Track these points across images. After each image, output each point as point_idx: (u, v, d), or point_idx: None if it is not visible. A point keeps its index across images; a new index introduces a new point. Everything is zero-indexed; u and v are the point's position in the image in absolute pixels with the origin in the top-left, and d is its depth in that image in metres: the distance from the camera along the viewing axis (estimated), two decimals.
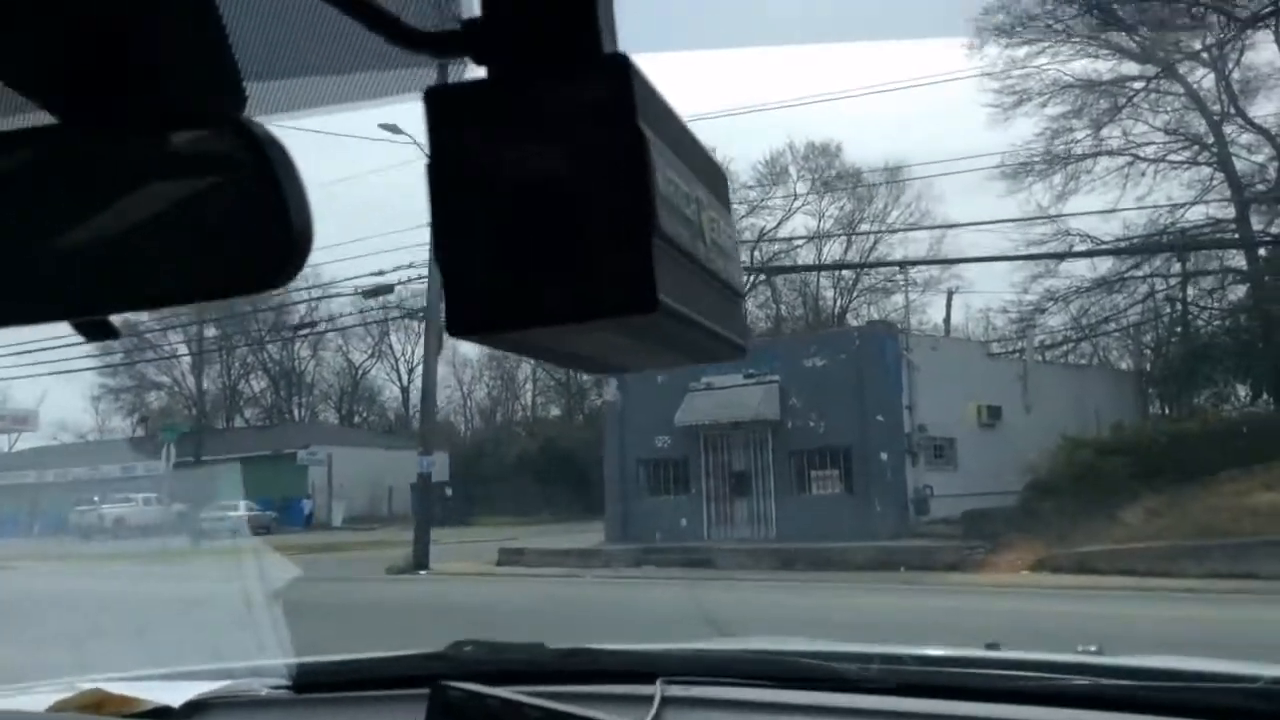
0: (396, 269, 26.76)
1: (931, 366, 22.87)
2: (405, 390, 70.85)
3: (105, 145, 0.74)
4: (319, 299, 66.31)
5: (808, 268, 46.46)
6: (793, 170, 49.43)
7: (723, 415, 23.42)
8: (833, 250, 50.81)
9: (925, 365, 22.83)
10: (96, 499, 48.24)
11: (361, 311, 68.13)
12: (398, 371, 70.30)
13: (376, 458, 53.64)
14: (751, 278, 51.10)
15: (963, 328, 38.52)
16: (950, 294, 34.63)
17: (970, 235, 48.52)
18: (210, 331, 68.12)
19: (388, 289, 23.77)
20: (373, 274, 28.48)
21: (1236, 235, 27.99)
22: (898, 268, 35.54)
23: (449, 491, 49.83)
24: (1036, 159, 28.76)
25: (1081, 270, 29.79)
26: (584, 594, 17.41)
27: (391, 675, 1.78)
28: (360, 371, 69.25)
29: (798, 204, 49.53)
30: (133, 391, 67.22)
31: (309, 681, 1.82)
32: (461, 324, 0.59)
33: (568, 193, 0.58)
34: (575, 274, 0.58)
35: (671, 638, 2.35)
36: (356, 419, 69.49)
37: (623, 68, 0.59)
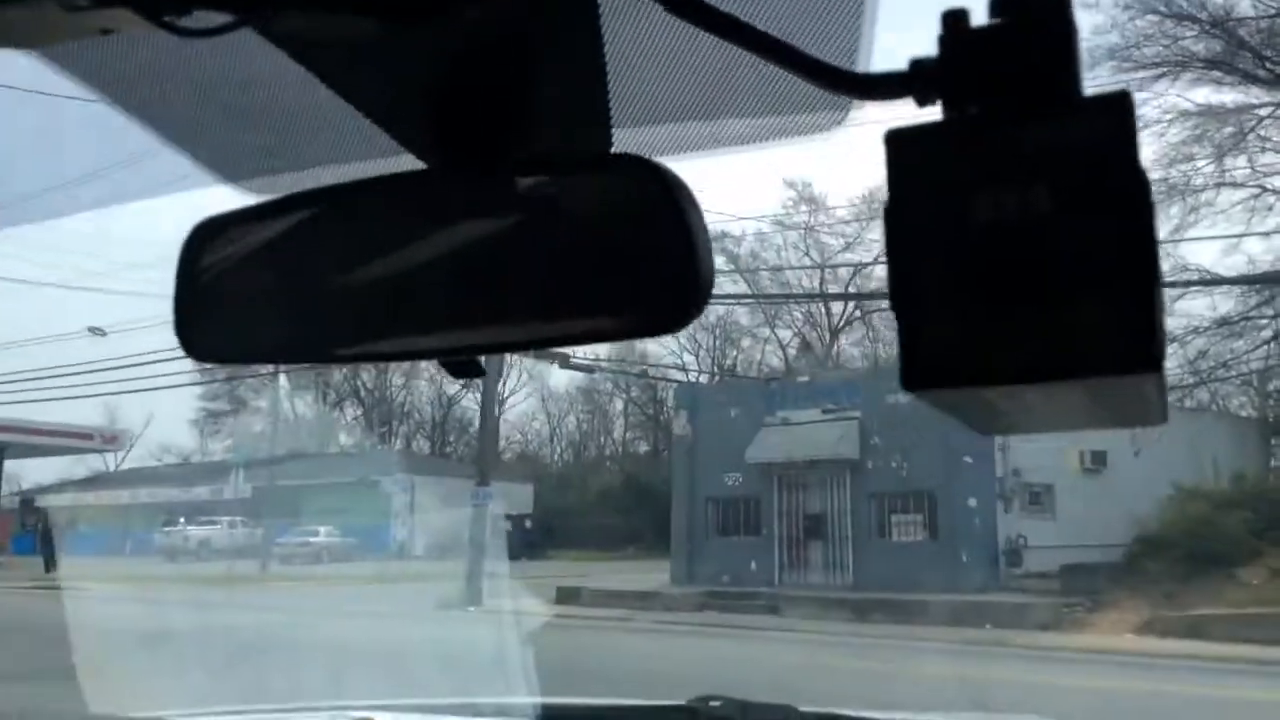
0: None
1: None
2: (494, 421, 70.71)
3: (490, 188, 0.74)
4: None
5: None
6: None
7: (798, 453, 21.87)
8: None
9: None
10: (183, 520, 48.66)
11: None
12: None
13: (461, 487, 53.10)
14: (845, 311, 49.43)
15: None
16: None
17: None
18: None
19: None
20: None
21: None
22: None
23: (528, 524, 48.99)
24: (1153, 188, 26.51)
25: (1200, 309, 27.44)
26: (617, 643, 16.05)
27: None
28: (450, 402, 69.28)
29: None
30: (231, 415, 68.41)
31: None
32: (919, 378, 0.56)
33: (1056, 238, 0.54)
34: (1063, 328, 0.54)
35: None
36: (448, 449, 69.42)
37: (1125, 107, 0.55)
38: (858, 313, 49.75)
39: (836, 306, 49.37)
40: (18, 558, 53.83)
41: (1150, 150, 26.67)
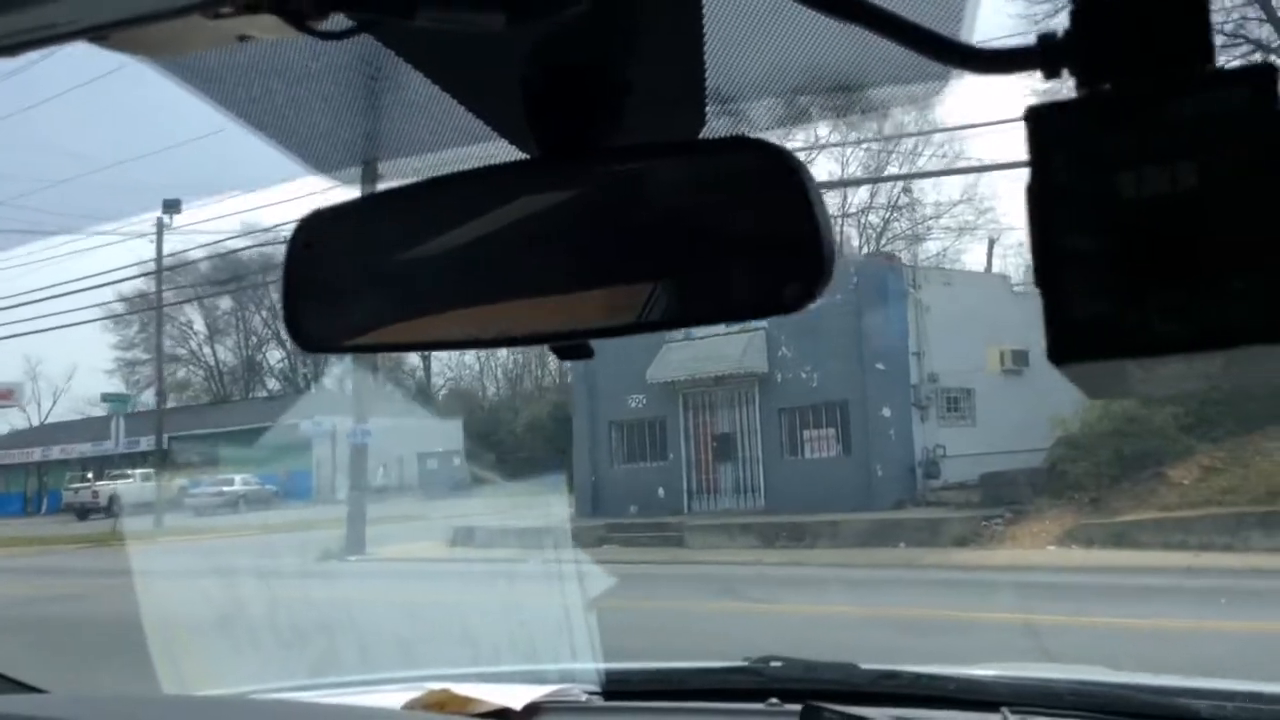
0: None
1: (944, 306, 19.21)
2: (426, 357, 68.20)
3: (595, 174, 0.75)
4: None
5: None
6: (813, 110, 45.54)
7: (702, 369, 19.98)
8: (860, 196, 47.02)
9: (936, 305, 19.16)
10: (90, 475, 46.10)
11: None
12: None
13: (383, 426, 50.86)
14: None
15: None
16: (992, 241, 30.32)
17: (1012, 180, 44.30)
18: (226, 303, 65.97)
19: None
20: None
21: None
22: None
23: (456, 461, 47.03)
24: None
25: None
26: (484, 594, 14.21)
27: (703, 687, 1.80)
28: None
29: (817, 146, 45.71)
30: (150, 365, 65.31)
31: (620, 689, 1.85)
32: (1066, 351, 0.57)
33: (1201, 213, 0.55)
34: (1208, 300, 0.54)
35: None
36: (379, 388, 66.98)
37: (1271, 76, 0.55)
38: None
39: None
40: None
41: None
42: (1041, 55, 0.62)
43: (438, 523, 28.25)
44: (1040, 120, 0.58)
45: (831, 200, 47.23)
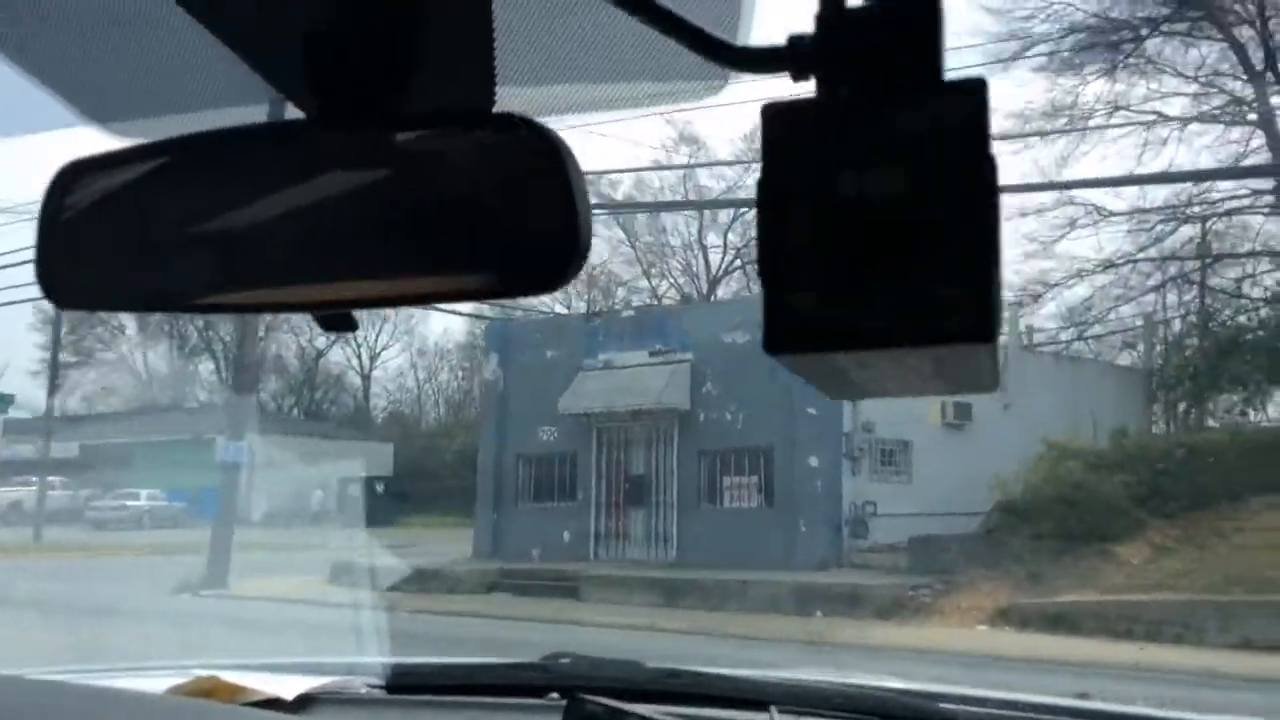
0: None
1: None
2: (365, 378, 65.86)
3: (368, 141, 0.74)
4: None
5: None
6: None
7: (620, 402, 18.15)
8: None
9: None
10: None
11: None
12: (359, 358, 65.32)
13: (310, 448, 48.49)
14: (724, 262, 45.97)
15: None
16: None
17: None
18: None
19: None
20: None
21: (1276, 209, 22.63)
22: None
23: (380, 488, 44.73)
24: (1037, 111, 23.42)
25: (1085, 250, 24.34)
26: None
27: (489, 683, 1.81)
28: (318, 356, 64.24)
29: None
30: (76, 368, 62.46)
31: (404, 683, 1.83)
32: (780, 341, 0.58)
33: (910, 217, 0.57)
34: (912, 300, 0.57)
35: None
36: (315, 408, 64.47)
37: (980, 93, 0.58)
38: (737, 262, 46.34)
39: (715, 256, 45.90)
40: None
41: (1037, 75, 23.50)
42: (791, 57, 0.63)
43: (334, 554, 26.10)
44: (774, 118, 0.59)
45: None
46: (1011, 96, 22.79)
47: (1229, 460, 15.18)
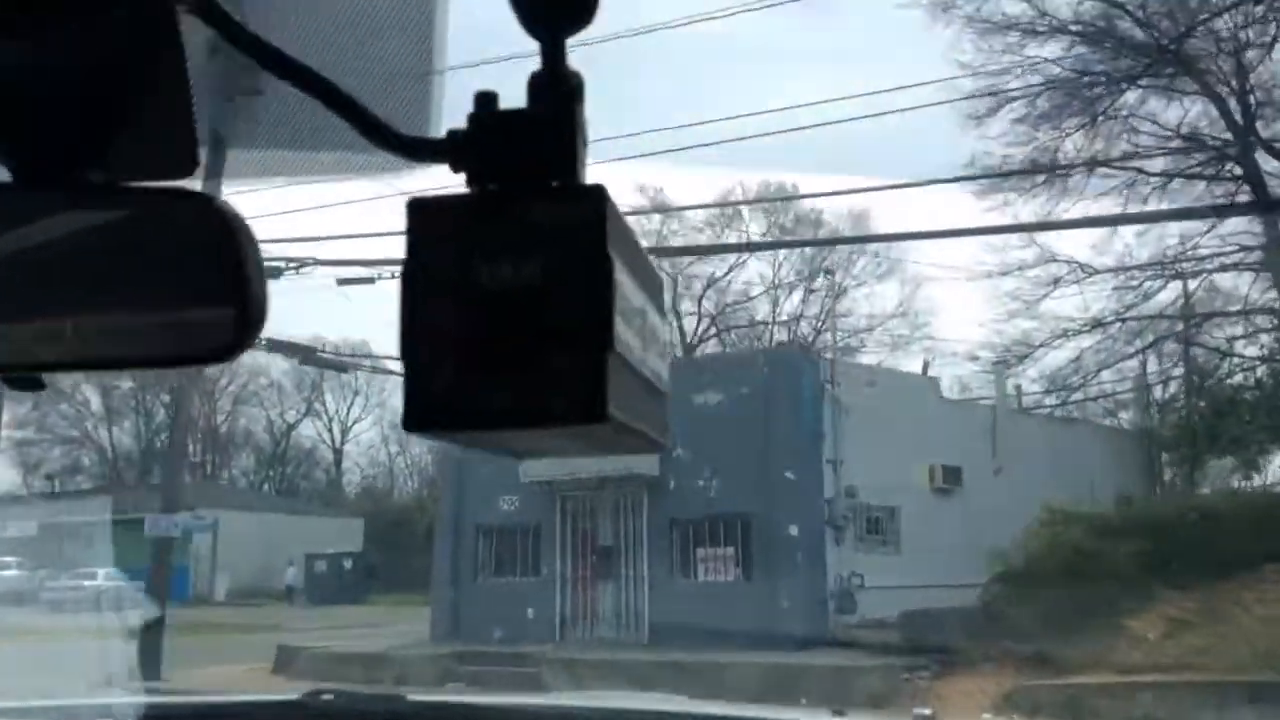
0: None
1: (867, 409, 16.25)
2: (338, 452, 64.03)
3: (61, 208, 0.75)
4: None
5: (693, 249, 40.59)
6: (745, 212, 43.50)
7: (585, 468, 16.72)
8: (792, 302, 44.72)
9: (858, 407, 16.19)
10: None
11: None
12: (331, 432, 63.55)
13: (276, 524, 46.55)
14: (699, 330, 44.84)
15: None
16: (926, 364, 27.12)
17: (944, 286, 42.09)
18: (127, 383, 61.48)
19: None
20: None
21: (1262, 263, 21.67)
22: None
23: (347, 564, 42.77)
24: (1015, 165, 22.50)
25: (1069, 310, 23.23)
26: None
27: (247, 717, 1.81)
28: (288, 430, 62.44)
29: (746, 251, 43.46)
30: (39, 445, 60.41)
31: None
32: (418, 421, 0.62)
33: (536, 308, 0.61)
34: (533, 384, 0.60)
35: None
36: (286, 483, 62.48)
37: (600, 196, 0.63)
38: (713, 329, 45.30)
39: (689, 323, 44.79)
40: None
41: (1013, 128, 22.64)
42: (449, 151, 0.67)
43: (291, 636, 24.33)
44: (420, 209, 0.63)
45: (763, 308, 44.91)
46: (989, 149, 21.94)
47: (1242, 526, 13.89)
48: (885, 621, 14.62)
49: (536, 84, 0.66)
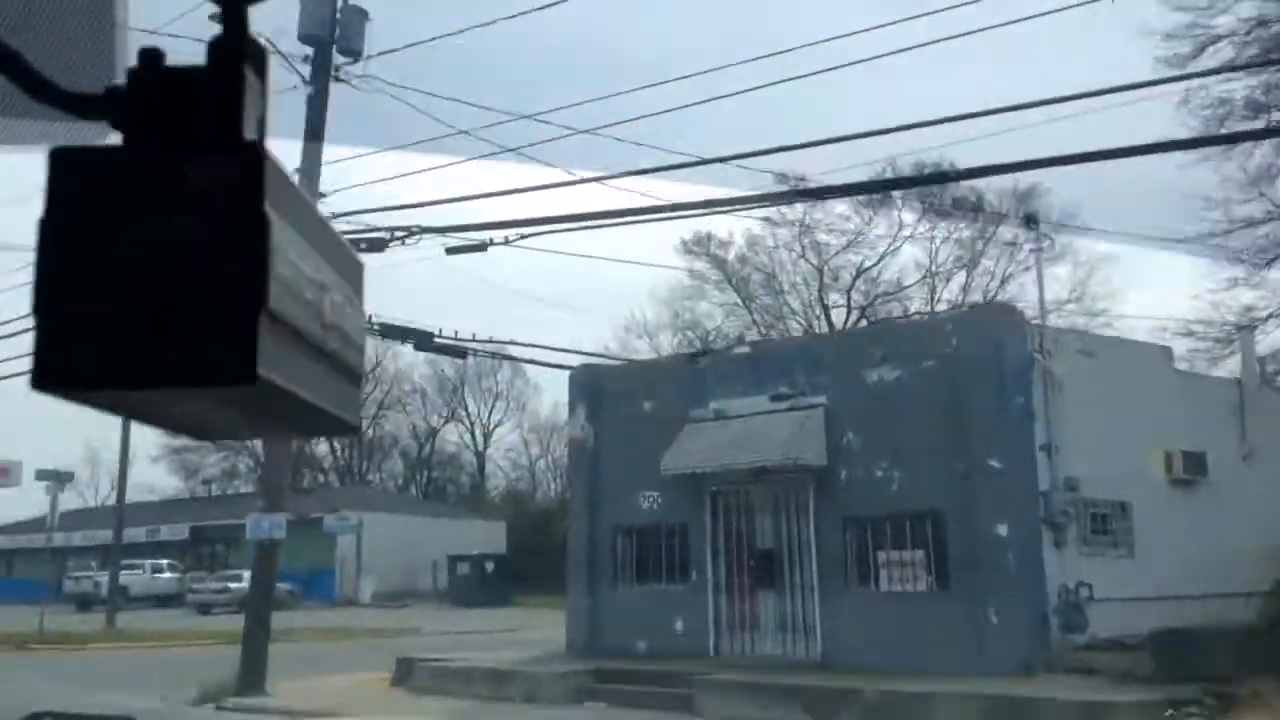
0: None
1: (1085, 383, 13.06)
2: (480, 455, 62.97)
3: None
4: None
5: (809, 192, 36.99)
6: (897, 197, 39.96)
7: (737, 459, 14.07)
8: (950, 290, 40.90)
9: (1074, 381, 13.01)
10: (94, 565, 41.29)
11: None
12: (473, 435, 62.55)
13: (420, 526, 45.38)
14: (849, 324, 41.41)
15: None
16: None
17: (1134, 268, 37.71)
18: None
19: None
20: None
21: None
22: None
23: (488, 566, 41.11)
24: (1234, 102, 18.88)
25: None
26: None
27: None
28: (432, 434, 61.69)
29: (903, 234, 39.96)
30: (196, 452, 61.29)
31: None
32: (50, 378, 0.58)
33: (185, 265, 0.59)
34: (179, 342, 0.58)
35: None
36: (432, 487, 61.77)
37: (256, 154, 0.61)
38: (863, 323, 41.85)
39: (838, 316, 41.44)
40: None
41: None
42: (107, 106, 0.65)
43: (422, 642, 22.40)
44: (64, 161, 0.60)
45: (919, 297, 41.22)
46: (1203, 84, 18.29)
47: None
48: (1124, 641, 11.44)
49: (213, 48, 0.65)
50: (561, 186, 11.26)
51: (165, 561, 43.34)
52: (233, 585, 37.92)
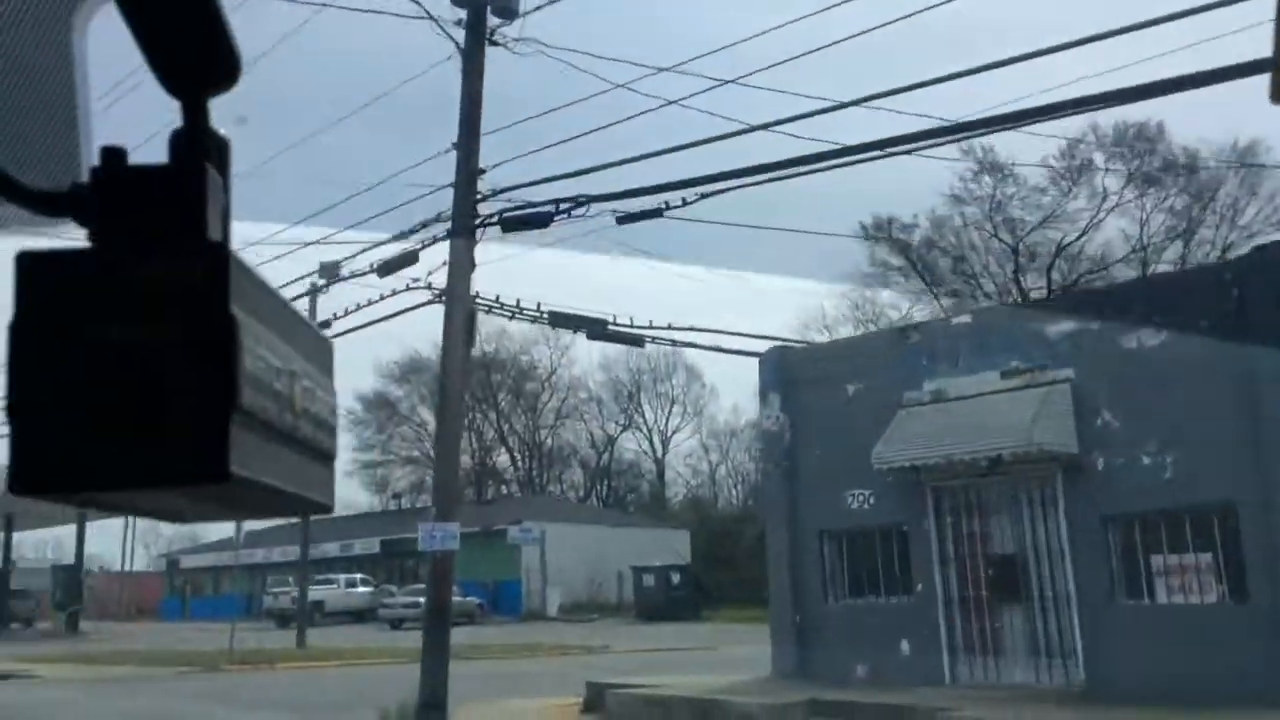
0: None
1: None
2: (659, 462, 61.79)
3: None
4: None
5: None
6: (1099, 159, 36.29)
7: (963, 447, 11.90)
8: (1164, 266, 36.79)
9: None
10: (291, 580, 42.05)
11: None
12: (651, 443, 61.45)
13: (601, 536, 44.37)
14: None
15: None
16: None
17: None
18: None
19: (410, 258, 14.03)
20: None
21: None
22: None
23: (675, 578, 39.56)
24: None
25: None
26: None
27: None
28: (610, 442, 60.93)
29: (1106, 206, 36.23)
30: (384, 466, 62.59)
31: None
32: (27, 482, 0.59)
33: (156, 367, 0.59)
34: (152, 445, 0.58)
35: None
36: (611, 495, 61.04)
37: (221, 254, 0.61)
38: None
39: (1036, 297, 37.94)
40: (166, 623, 48.87)
41: None
42: (73, 205, 0.64)
43: (611, 662, 20.97)
44: (35, 263, 0.60)
45: (1129, 270, 37.29)
46: None
47: None
48: None
49: (175, 142, 0.65)
50: (749, 133, 9.48)
51: (359, 576, 43.84)
52: (422, 600, 37.61)
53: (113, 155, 0.64)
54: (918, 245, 40.01)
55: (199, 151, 0.64)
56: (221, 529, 50.71)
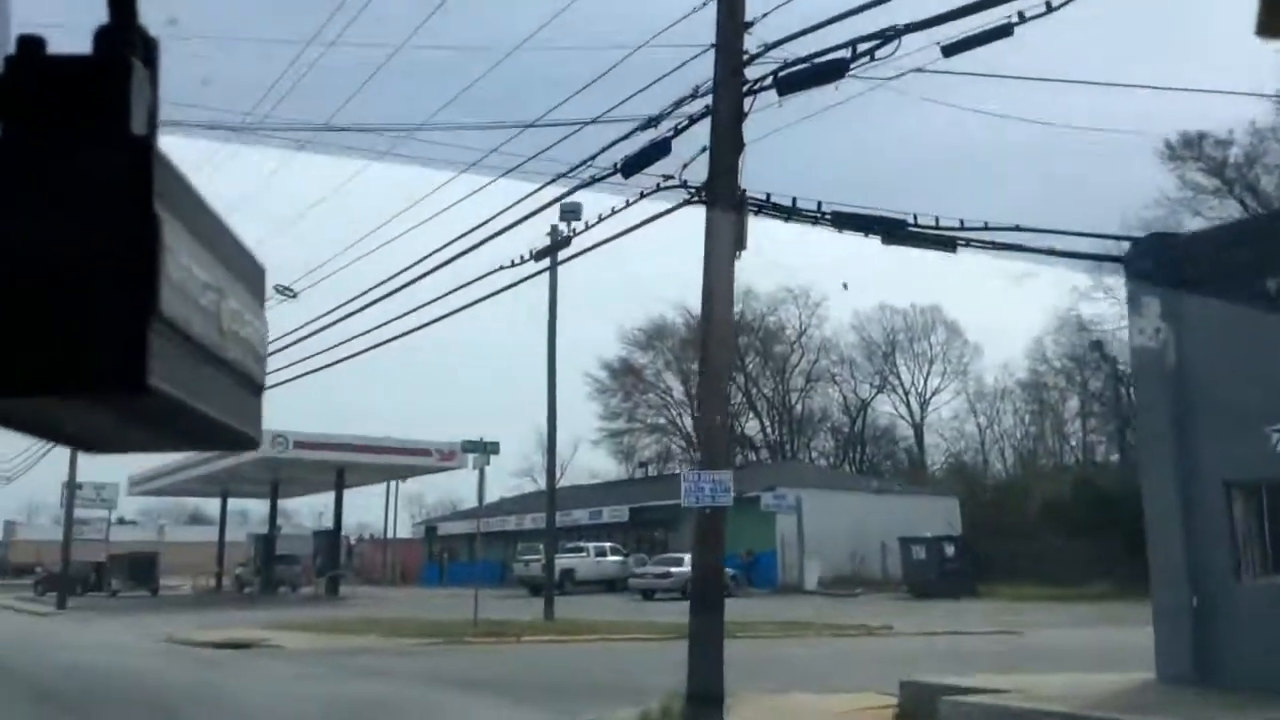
0: None
1: None
2: (918, 427, 57.10)
3: None
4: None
5: None
6: None
7: None
8: None
9: None
10: (542, 547, 40.98)
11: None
12: (909, 406, 56.92)
13: (859, 504, 40.70)
14: None
15: None
16: None
17: None
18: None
19: (662, 148, 11.14)
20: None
21: None
22: None
23: (949, 550, 35.37)
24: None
25: None
26: None
27: None
28: (863, 406, 56.89)
29: None
30: (631, 434, 61.31)
31: None
32: None
33: (70, 265, 0.56)
34: (65, 349, 0.55)
35: None
36: (867, 462, 57.07)
37: (145, 150, 0.58)
38: None
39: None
40: (424, 589, 49.58)
41: None
42: None
43: (903, 646, 17.70)
44: None
45: None
46: None
47: None
48: None
49: (99, 36, 0.61)
50: None
51: (609, 545, 42.34)
52: (674, 570, 35.45)
53: (30, 44, 0.60)
54: (1233, 164, 33.78)
55: (124, 45, 0.60)
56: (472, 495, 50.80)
